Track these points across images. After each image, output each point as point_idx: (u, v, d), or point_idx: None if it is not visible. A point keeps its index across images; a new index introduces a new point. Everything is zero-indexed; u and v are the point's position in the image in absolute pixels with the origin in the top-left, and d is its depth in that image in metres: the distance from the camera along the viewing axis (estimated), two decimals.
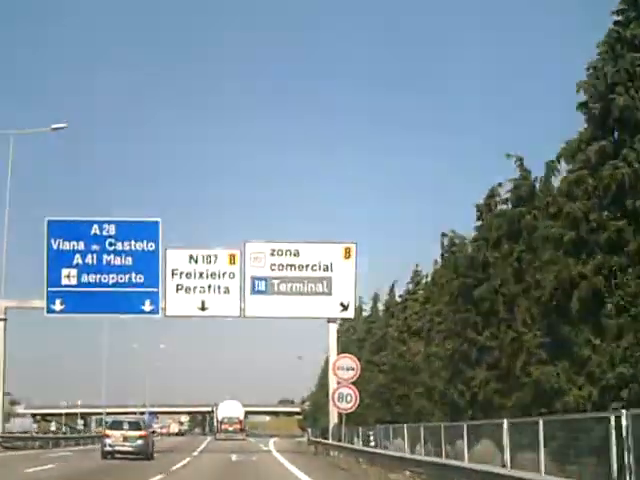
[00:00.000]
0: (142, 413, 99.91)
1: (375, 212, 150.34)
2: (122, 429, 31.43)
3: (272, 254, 37.80)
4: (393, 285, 40.50)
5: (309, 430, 58.77)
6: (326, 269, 37.70)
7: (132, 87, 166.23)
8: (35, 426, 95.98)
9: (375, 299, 44.35)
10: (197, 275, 37.78)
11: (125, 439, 30.91)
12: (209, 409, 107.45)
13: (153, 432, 46.80)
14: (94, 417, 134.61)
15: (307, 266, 37.68)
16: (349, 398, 34.48)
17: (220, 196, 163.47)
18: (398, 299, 40.02)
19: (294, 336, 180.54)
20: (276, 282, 37.66)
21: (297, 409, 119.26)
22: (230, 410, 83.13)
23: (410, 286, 35.04)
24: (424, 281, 34.40)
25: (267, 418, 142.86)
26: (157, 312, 37.99)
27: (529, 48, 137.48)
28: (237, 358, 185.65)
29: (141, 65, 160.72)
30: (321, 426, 48.35)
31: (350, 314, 37.86)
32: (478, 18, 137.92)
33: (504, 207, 22.74)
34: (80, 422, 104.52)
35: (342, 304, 37.61)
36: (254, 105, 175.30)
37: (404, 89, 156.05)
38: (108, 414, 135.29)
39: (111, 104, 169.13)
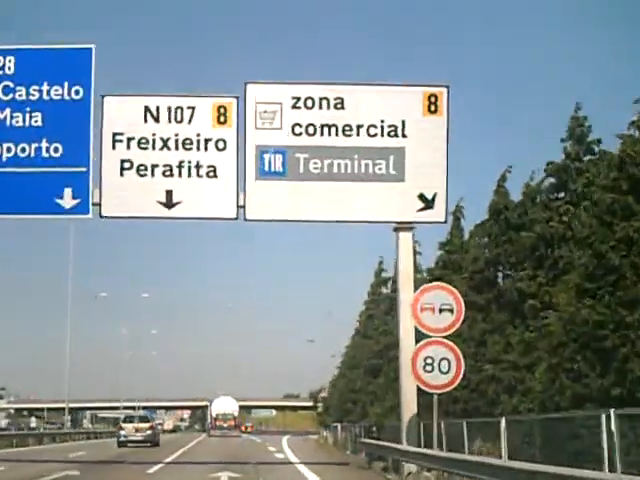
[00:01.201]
0: (133, 408, 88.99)
1: None
2: (134, 422, 38.22)
3: (295, 105, 20.65)
4: (504, 175, 23.13)
5: (338, 427, 41.56)
6: (394, 133, 20.56)
7: None
8: (4, 422, 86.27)
9: (456, 213, 26.99)
10: (158, 144, 20.69)
11: (137, 430, 37.43)
12: (207, 404, 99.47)
13: (159, 424, 55.56)
14: (88, 412, 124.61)
15: (359, 128, 20.54)
16: (445, 365, 17.56)
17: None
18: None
19: (299, 325, 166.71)
20: (302, 157, 20.53)
21: (305, 403, 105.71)
22: (224, 406, 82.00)
23: (571, 147, 17.83)
24: None
25: (274, 413, 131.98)
26: (85, 210, 20.91)
27: None
28: (237, 349, 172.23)
29: None
30: (368, 420, 31.09)
31: (438, 215, 20.57)
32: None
33: None
34: (67, 418, 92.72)
35: (423, 197, 20.45)
36: None
37: None
38: (97, 408, 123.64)
39: None
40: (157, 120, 20.76)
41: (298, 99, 20.61)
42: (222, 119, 20.66)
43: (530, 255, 18.76)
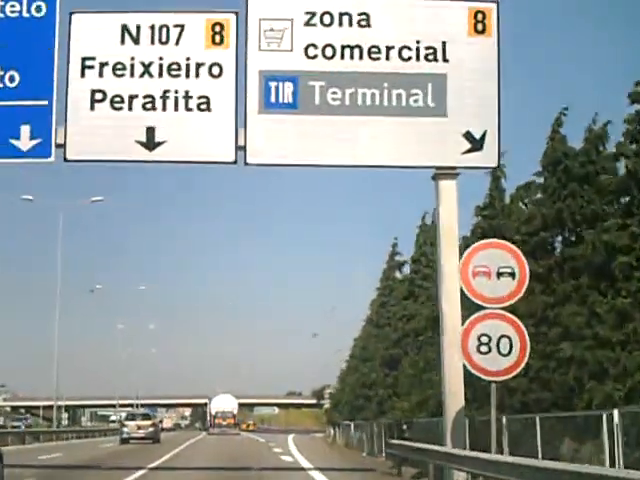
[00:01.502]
0: (130, 406, 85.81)
1: None
2: (136, 420, 40.62)
3: (309, 22, 16.50)
4: (559, 119, 18.93)
5: (352, 426, 37.40)
6: (433, 57, 16.43)
7: None
8: None
9: (496, 171, 22.52)
10: (138, 70, 16.56)
11: (139, 427, 39.44)
12: (206, 401, 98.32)
13: (160, 421, 57.39)
14: (87, 410, 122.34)
15: (389, 50, 16.41)
16: (505, 345, 13.49)
17: None
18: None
19: (299, 323, 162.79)
20: (318, 85, 16.39)
21: (308, 401, 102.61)
22: (223, 404, 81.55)
23: None
24: None
25: (276, 410, 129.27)
26: (47, 153, 16.72)
27: None
28: (237, 348, 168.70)
29: None
30: (392, 416, 26.86)
31: (489, 158, 16.37)
32: None
33: None
34: (64, 416, 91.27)
35: (469, 136, 16.32)
36: None
37: None
38: (94, 406, 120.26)
39: None
40: (137, 41, 16.63)
41: (313, 14, 16.49)
42: (217, 39, 16.53)
43: (615, 200, 14.64)
